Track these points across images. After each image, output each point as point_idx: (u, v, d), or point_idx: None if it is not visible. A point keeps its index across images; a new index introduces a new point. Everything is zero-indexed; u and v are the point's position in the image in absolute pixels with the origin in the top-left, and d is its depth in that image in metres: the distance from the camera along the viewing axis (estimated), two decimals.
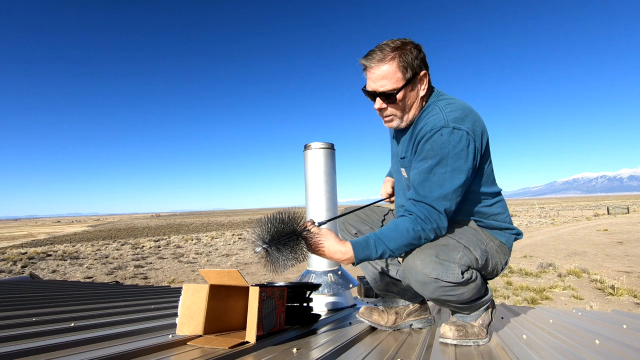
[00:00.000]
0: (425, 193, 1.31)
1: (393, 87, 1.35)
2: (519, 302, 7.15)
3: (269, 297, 1.44)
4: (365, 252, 1.30)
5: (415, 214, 1.32)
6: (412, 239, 1.31)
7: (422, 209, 1.31)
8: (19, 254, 19.30)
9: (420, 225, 1.30)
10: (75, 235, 44.67)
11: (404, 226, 1.31)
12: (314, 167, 2.35)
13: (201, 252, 18.67)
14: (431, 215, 1.31)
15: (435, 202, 1.30)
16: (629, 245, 14.68)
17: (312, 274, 2.33)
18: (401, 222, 1.33)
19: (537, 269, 10.50)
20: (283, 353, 1.26)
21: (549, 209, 58.97)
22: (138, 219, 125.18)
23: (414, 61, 1.35)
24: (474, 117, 1.35)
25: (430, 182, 1.31)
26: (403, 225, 1.31)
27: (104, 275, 13.11)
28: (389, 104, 1.40)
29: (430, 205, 1.30)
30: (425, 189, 1.31)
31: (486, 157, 1.42)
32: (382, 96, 1.38)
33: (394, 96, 1.36)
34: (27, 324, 1.64)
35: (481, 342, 1.46)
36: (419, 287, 1.37)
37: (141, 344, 1.25)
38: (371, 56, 1.36)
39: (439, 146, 1.29)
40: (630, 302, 7.00)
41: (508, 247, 1.53)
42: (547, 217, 35.28)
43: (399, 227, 1.32)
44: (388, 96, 1.37)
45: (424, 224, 1.30)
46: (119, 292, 3.38)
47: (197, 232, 36.38)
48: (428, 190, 1.31)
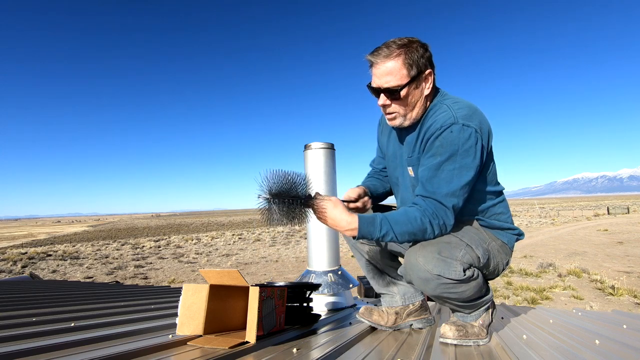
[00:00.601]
0: (433, 189, 1.32)
1: (397, 84, 1.36)
2: (519, 302, 7.15)
3: (269, 297, 1.44)
4: (369, 227, 1.30)
5: (424, 207, 1.32)
6: (417, 230, 1.31)
7: (431, 205, 1.32)
8: (19, 254, 19.30)
9: (428, 217, 1.30)
10: (75, 235, 44.69)
11: (413, 214, 1.31)
12: (314, 167, 2.35)
13: (201, 252, 18.67)
14: (438, 211, 1.31)
15: (444, 199, 1.31)
16: (629, 245, 14.68)
17: (312, 274, 2.33)
18: (411, 210, 1.33)
19: (537, 269, 10.50)
20: (283, 353, 1.26)
21: (549, 209, 58.98)
22: (138, 219, 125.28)
23: (420, 59, 1.36)
24: (481, 115, 1.37)
25: (438, 178, 1.31)
26: (412, 213, 1.32)
27: (104, 275, 13.11)
28: (392, 101, 1.40)
29: (439, 201, 1.31)
30: (433, 185, 1.32)
31: (490, 156, 1.44)
32: (386, 92, 1.39)
33: (397, 93, 1.37)
34: (27, 324, 1.64)
35: (481, 342, 1.46)
36: (421, 284, 1.37)
37: (141, 344, 1.25)
38: (377, 52, 1.37)
39: (449, 143, 1.30)
40: (630, 302, 6.99)
41: (509, 247, 1.53)
42: (547, 217, 35.28)
43: (408, 213, 1.32)
44: (392, 92, 1.37)
45: (432, 218, 1.31)
46: (119, 292, 3.38)
47: (197, 232, 36.40)
48: (436, 186, 1.31)
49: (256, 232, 31.02)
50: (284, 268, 13.03)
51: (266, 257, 15.87)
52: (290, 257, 15.52)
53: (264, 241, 22.83)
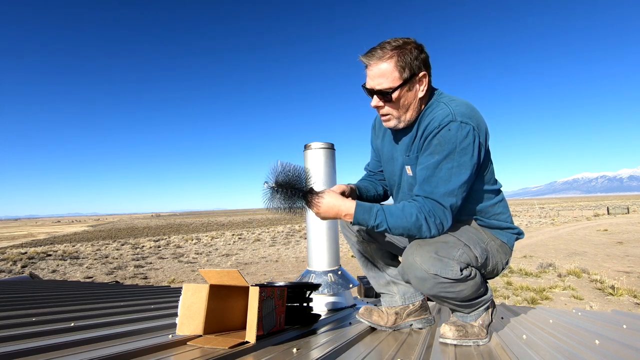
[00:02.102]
0: (431, 189, 1.31)
1: (389, 86, 1.35)
2: (519, 302, 7.15)
3: (269, 297, 1.44)
4: (364, 215, 1.33)
5: (421, 203, 1.32)
6: (412, 226, 1.31)
7: (428, 203, 1.31)
8: (19, 254, 19.30)
9: (424, 215, 1.30)
10: (75, 235, 44.67)
11: (410, 210, 1.31)
12: (314, 167, 2.35)
13: (201, 252, 18.67)
14: (436, 211, 1.31)
15: (442, 198, 1.31)
16: (629, 245, 14.68)
17: (312, 274, 2.33)
18: (408, 205, 1.33)
19: (537, 269, 10.50)
20: (283, 353, 1.27)
21: (549, 209, 58.98)
22: (138, 219, 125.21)
23: (414, 61, 1.35)
24: (478, 113, 1.37)
25: (436, 177, 1.31)
26: (409, 209, 1.32)
27: (104, 275, 13.11)
28: (385, 103, 1.40)
29: (437, 201, 1.31)
30: (431, 185, 1.32)
31: (488, 155, 1.43)
32: (379, 94, 1.39)
33: (389, 95, 1.36)
34: (26, 324, 1.64)
35: (481, 342, 1.46)
36: (418, 283, 1.37)
37: (141, 344, 1.25)
38: (371, 54, 1.37)
39: (447, 141, 1.30)
40: (630, 302, 6.99)
41: (509, 247, 1.53)
42: (547, 217, 35.28)
43: (405, 208, 1.32)
44: (384, 94, 1.37)
45: (428, 217, 1.31)
46: (119, 292, 3.38)
47: (197, 232, 36.39)
48: (434, 186, 1.31)
49: (256, 232, 31.02)
50: (284, 268, 13.03)
51: (266, 257, 15.87)
52: (290, 257, 15.52)
53: (264, 241, 22.83)
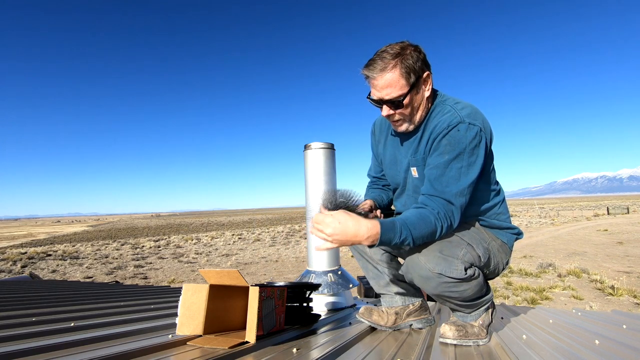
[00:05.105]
0: (442, 188, 1.31)
1: (399, 94, 1.35)
2: (519, 302, 7.15)
3: (269, 297, 1.44)
4: (389, 233, 1.22)
5: (436, 209, 1.30)
6: (432, 232, 1.29)
7: (440, 204, 1.30)
8: (19, 254, 19.30)
9: (441, 221, 1.30)
10: (75, 235, 44.66)
11: (427, 217, 1.28)
12: (314, 167, 2.35)
13: (201, 252, 18.67)
14: (447, 212, 1.31)
15: (453, 198, 1.31)
16: (628, 245, 14.69)
17: (312, 274, 2.33)
18: (424, 212, 1.30)
19: (537, 269, 10.50)
20: (283, 353, 1.26)
21: (549, 209, 58.98)
22: (138, 219, 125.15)
23: (416, 64, 1.35)
24: (482, 115, 1.38)
25: (447, 176, 1.31)
26: (427, 216, 1.29)
27: (104, 275, 13.11)
28: (396, 110, 1.40)
29: (448, 200, 1.31)
30: (442, 184, 1.32)
31: (491, 155, 1.44)
32: (388, 103, 1.38)
33: (400, 102, 1.36)
34: (26, 323, 1.64)
35: (481, 342, 1.46)
36: (422, 282, 1.37)
37: (141, 344, 1.25)
38: (372, 66, 1.35)
39: (456, 141, 1.30)
40: (630, 302, 7.00)
41: (509, 247, 1.53)
42: (547, 217, 35.29)
43: (423, 217, 1.28)
44: (395, 103, 1.37)
45: (444, 221, 1.30)
46: (119, 292, 3.38)
47: (197, 232, 36.38)
48: (445, 185, 1.31)
49: (256, 232, 31.01)
50: (283, 268, 13.03)
51: (266, 257, 15.87)
52: (290, 257, 15.52)
53: (264, 241, 22.83)
